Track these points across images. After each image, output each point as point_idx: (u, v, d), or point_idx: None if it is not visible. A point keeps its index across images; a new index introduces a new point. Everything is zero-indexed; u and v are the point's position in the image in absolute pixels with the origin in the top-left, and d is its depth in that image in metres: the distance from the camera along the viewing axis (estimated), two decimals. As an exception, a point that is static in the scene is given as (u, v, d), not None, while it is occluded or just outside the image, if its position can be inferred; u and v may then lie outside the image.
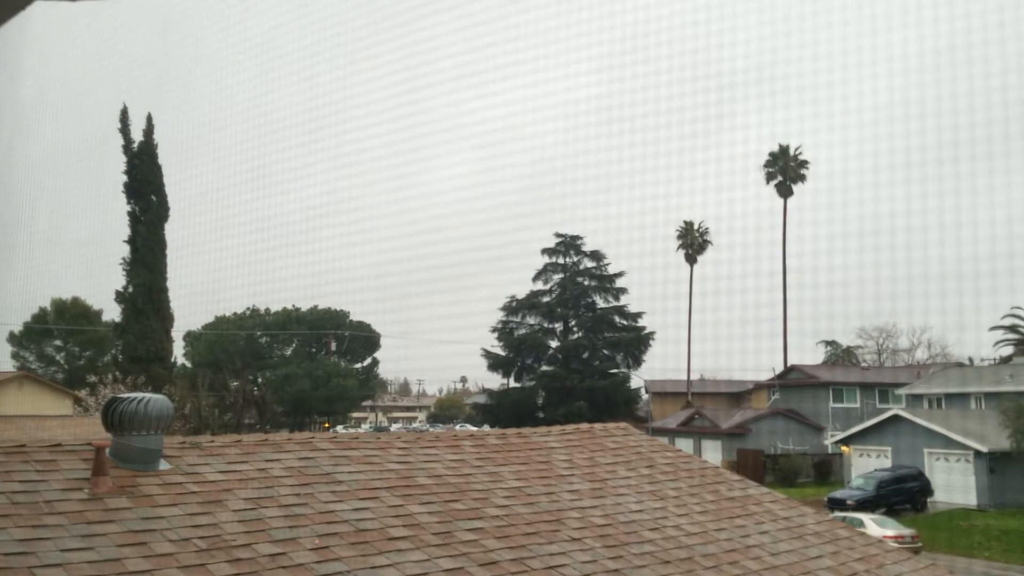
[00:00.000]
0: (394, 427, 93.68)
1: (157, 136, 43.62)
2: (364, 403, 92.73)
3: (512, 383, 65.12)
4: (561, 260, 64.96)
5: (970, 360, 63.76)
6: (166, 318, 43.43)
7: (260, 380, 70.36)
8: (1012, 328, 59.33)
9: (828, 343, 78.19)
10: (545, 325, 64.45)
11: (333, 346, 76.94)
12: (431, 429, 70.96)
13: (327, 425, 69.77)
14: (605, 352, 63.67)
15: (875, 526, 24.57)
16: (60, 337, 65.62)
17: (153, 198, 43.23)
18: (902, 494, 34.60)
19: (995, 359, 58.72)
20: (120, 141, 42.85)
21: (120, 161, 42.99)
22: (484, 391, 75.34)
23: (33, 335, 64.48)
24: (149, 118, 43.85)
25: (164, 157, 43.58)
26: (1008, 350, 59.09)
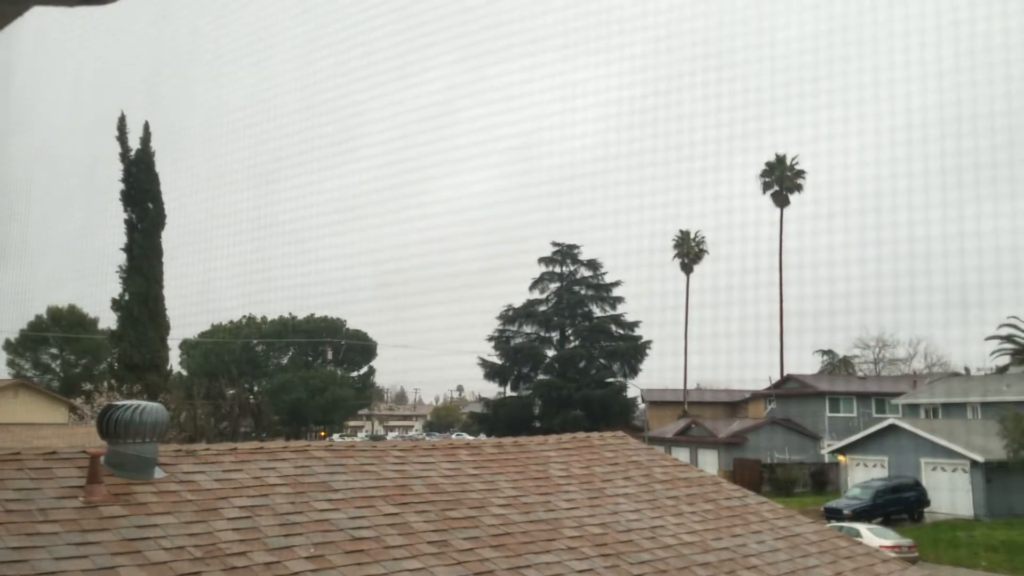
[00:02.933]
0: (390, 436, 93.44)
1: (151, 137, 43.70)
2: (360, 412, 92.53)
3: (509, 392, 65.06)
4: (558, 269, 65.03)
5: (967, 370, 63.83)
6: (162, 326, 43.35)
7: (256, 389, 70.23)
8: (1009, 338, 59.37)
9: (825, 352, 78.21)
10: (542, 334, 64.46)
11: (329, 355, 76.85)
12: (427, 438, 70.66)
13: (323, 434, 69.60)
14: (602, 361, 63.66)
15: (872, 536, 24.52)
16: (56, 345, 65.44)
17: (150, 206, 43.24)
18: (899, 504, 34.56)
19: (992, 369, 58.79)
20: (117, 148, 42.92)
21: (117, 168, 43.08)
22: (481, 400, 75.29)
23: (29, 343, 64.30)
24: (146, 126, 43.94)
25: (159, 157, 43.68)
26: (1005, 360, 59.13)
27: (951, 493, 35.84)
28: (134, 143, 43.25)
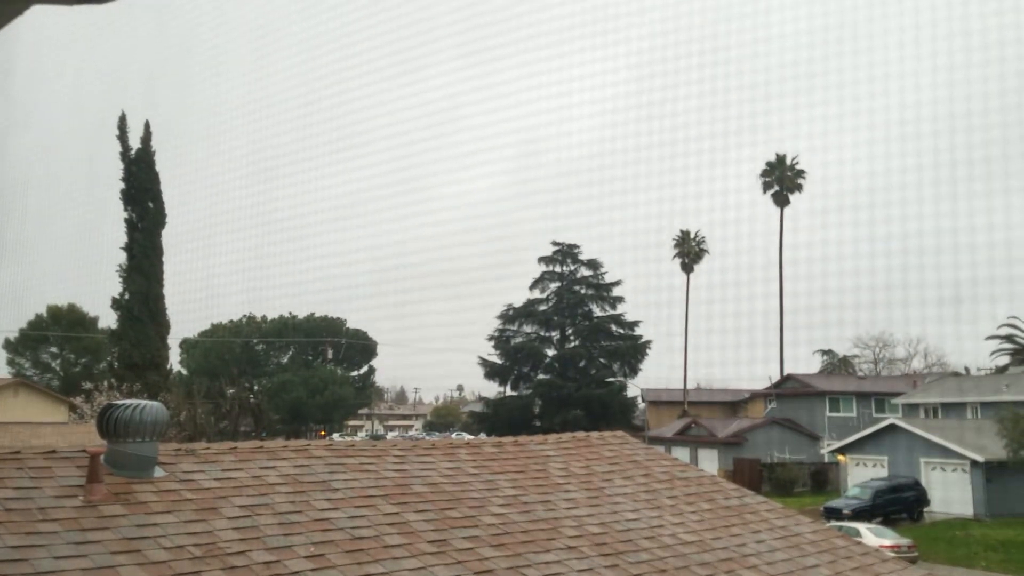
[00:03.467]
0: (390, 435, 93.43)
1: (152, 136, 43.72)
2: (360, 411, 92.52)
3: (509, 391, 65.03)
4: (558, 269, 65.00)
5: (967, 370, 63.84)
6: (162, 325, 43.36)
7: (256, 388, 70.23)
8: (1009, 338, 59.40)
9: (825, 352, 78.21)
10: (542, 333, 64.42)
11: (330, 354, 76.83)
12: (427, 437, 70.74)
13: (323, 433, 69.58)
14: (602, 361, 63.62)
15: (871, 535, 24.53)
16: (56, 344, 65.44)
17: (150, 205, 43.25)
18: (898, 504, 34.56)
19: (991, 369, 58.79)
20: (117, 147, 42.95)
21: (117, 167, 43.09)
22: (481, 399, 75.24)
23: (29, 342, 64.29)
24: (147, 125, 43.97)
25: (159, 155, 43.67)
26: (1004, 360, 59.16)
27: (951, 493, 35.84)
28: (134, 142, 43.31)
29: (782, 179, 65.89)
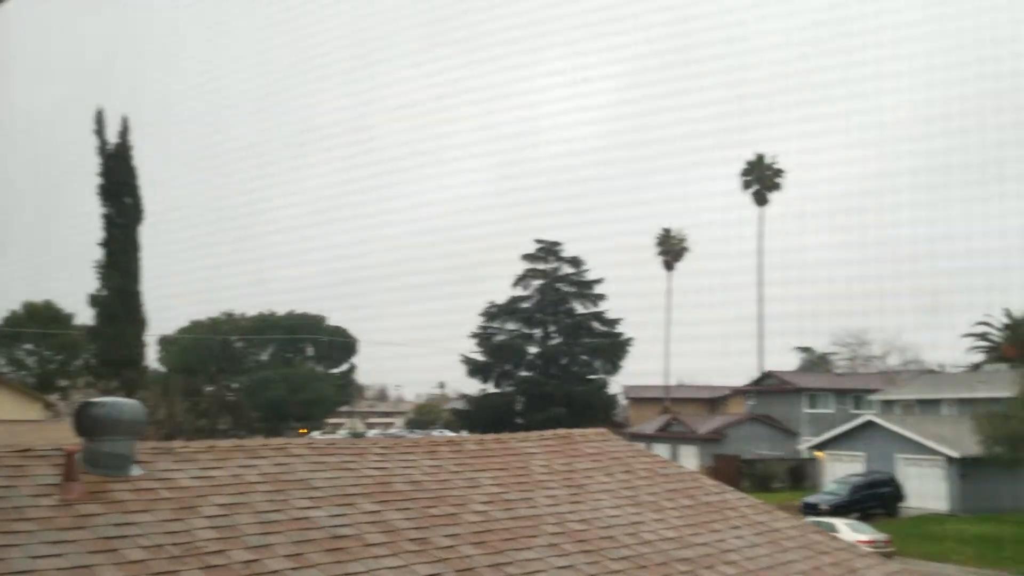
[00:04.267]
0: (371, 433, 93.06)
1: (129, 131, 43.24)
2: (341, 409, 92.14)
3: (491, 389, 65.06)
4: (541, 266, 65.09)
5: (942, 367, 64.71)
6: (140, 322, 42.91)
7: (235, 385, 69.72)
8: (983, 336, 60.30)
9: (803, 349, 78.90)
10: (524, 331, 64.51)
11: (310, 351, 76.44)
12: (409, 435, 70.47)
13: (303, 431, 69.25)
14: (584, 358, 63.84)
15: (848, 531, 24.79)
16: (31, 340, 64.56)
17: (128, 200, 42.77)
18: (875, 499, 34.99)
19: (966, 366, 59.63)
20: (95, 142, 42.43)
21: (94, 162, 42.57)
22: (463, 397, 75.18)
23: (3, 338, 63.41)
24: (124, 120, 43.53)
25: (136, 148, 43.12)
26: (979, 357, 60.02)
27: (926, 488, 36.33)
28: (111, 136, 42.81)
29: (762, 178, 66.39)
